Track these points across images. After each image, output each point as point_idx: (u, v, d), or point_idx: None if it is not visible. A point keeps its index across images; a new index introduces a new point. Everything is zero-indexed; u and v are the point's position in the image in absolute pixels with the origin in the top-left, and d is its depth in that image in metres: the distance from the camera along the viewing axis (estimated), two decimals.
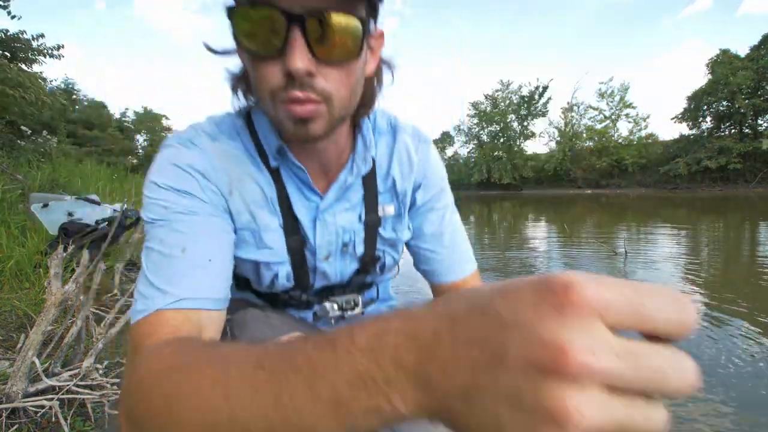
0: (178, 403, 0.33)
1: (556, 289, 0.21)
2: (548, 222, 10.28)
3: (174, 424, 0.33)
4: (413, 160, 0.68)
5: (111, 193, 6.13)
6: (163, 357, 0.39)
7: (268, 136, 0.59)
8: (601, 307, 0.20)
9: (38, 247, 2.95)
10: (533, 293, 0.21)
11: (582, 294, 0.20)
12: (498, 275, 4.36)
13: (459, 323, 0.24)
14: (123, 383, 0.40)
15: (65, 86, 22.19)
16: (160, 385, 0.36)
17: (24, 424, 1.32)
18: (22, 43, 8.05)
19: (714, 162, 26.56)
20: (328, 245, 0.65)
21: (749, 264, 4.57)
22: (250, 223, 0.59)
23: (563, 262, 4.98)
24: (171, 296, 0.46)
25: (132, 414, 0.36)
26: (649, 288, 0.22)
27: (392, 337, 0.25)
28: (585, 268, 4.52)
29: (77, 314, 1.63)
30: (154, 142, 30.56)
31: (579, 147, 36.20)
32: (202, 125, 0.59)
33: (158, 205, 0.52)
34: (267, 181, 0.60)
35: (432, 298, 0.29)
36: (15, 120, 8.30)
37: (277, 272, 0.64)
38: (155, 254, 0.50)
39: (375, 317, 0.28)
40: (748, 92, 26.53)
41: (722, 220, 9.18)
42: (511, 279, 0.24)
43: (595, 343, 0.20)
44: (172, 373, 0.36)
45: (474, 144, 45.08)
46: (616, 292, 0.21)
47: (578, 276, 0.21)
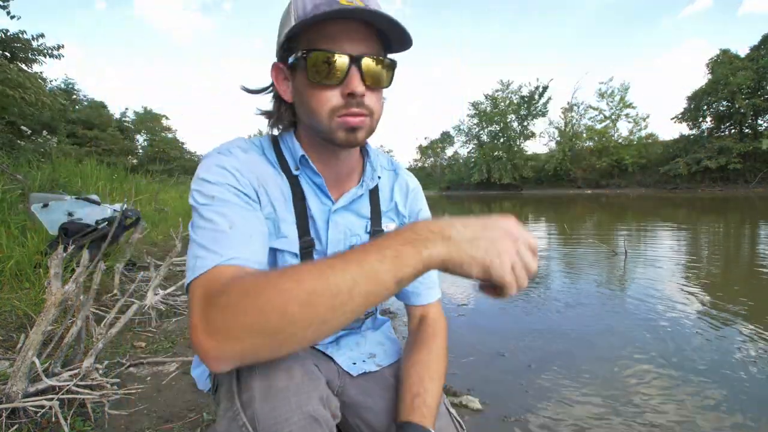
0: (284, 287, 0.48)
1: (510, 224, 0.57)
2: (548, 222, 10.27)
3: (286, 302, 0.47)
4: (410, 196, 0.89)
5: (111, 193, 6.12)
6: (257, 274, 0.54)
7: (293, 150, 0.75)
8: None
9: (38, 247, 2.94)
10: (505, 223, 0.57)
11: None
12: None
13: (459, 220, 0.54)
14: (211, 314, 0.50)
15: (65, 86, 22.18)
16: (270, 283, 0.49)
17: (24, 424, 1.32)
18: (22, 43, 8.04)
19: (714, 162, 26.56)
20: (337, 243, 0.78)
21: (749, 264, 4.57)
22: (271, 213, 0.72)
23: (563, 261, 4.98)
24: (225, 256, 0.58)
25: (238, 319, 0.48)
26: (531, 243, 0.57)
27: (422, 223, 0.54)
28: (585, 268, 4.52)
29: (77, 314, 1.63)
30: (154, 142, 30.55)
31: (579, 147, 36.18)
32: (235, 141, 0.75)
33: (207, 195, 0.65)
34: (286, 186, 0.74)
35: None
36: (15, 120, 8.30)
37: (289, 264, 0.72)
38: (207, 230, 0.61)
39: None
40: (748, 92, 26.53)
41: (722, 220, 9.17)
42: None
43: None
44: (276, 276, 0.50)
45: (474, 144, 45.06)
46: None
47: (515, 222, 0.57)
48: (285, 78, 0.72)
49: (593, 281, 3.92)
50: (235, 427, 0.55)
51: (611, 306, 3.11)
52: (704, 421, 1.60)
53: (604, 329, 2.61)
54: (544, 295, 3.49)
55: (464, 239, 0.52)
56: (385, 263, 0.49)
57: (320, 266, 0.50)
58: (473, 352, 2.24)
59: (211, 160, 0.69)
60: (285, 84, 0.72)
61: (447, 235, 0.52)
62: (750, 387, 1.84)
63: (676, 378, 1.94)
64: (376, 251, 0.50)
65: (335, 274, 0.48)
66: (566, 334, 2.54)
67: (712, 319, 2.72)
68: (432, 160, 55.29)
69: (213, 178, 0.66)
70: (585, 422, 1.60)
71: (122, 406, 1.57)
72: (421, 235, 0.51)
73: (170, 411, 1.56)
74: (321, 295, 0.48)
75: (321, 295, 0.48)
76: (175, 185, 12.09)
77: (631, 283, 3.78)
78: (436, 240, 0.51)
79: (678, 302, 3.13)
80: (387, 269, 0.49)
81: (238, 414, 0.55)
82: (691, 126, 30.92)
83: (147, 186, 8.73)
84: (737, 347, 2.27)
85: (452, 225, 0.53)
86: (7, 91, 6.40)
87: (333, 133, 0.67)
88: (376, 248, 0.51)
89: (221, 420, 0.58)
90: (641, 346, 2.31)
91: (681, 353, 2.21)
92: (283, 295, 0.48)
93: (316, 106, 0.66)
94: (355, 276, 0.48)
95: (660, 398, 1.76)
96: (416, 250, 0.50)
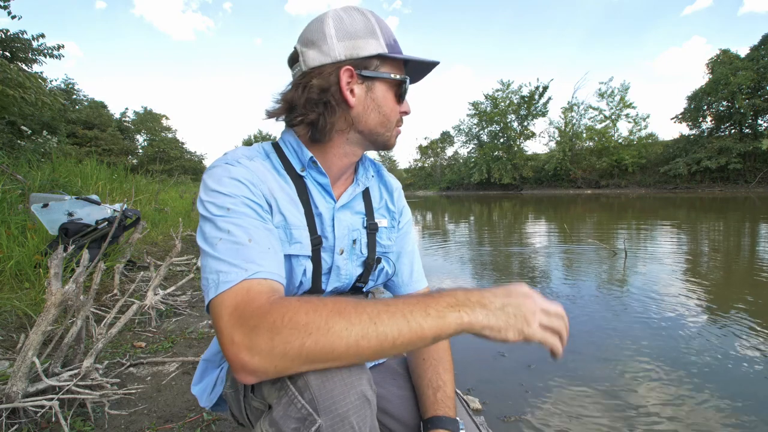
0: (336, 324, 0.53)
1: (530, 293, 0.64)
2: (548, 222, 10.27)
3: (332, 342, 0.53)
4: (395, 194, 0.96)
5: (111, 193, 6.12)
6: (303, 304, 0.56)
7: (299, 152, 0.80)
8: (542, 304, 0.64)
9: (38, 247, 2.94)
10: (523, 288, 0.65)
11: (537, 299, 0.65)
12: (499, 274, 4.36)
13: (488, 291, 0.62)
14: (256, 327, 0.54)
15: (65, 86, 22.16)
16: (319, 314, 0.54)
17: (24, 424, 1.32)
18: (22, 43, 8.05)
19: (714, 162, 26.55)
20: (342, 238, 0.83)
21: (749, 264, 4.57)
22: (281, 222, 0.75)
23: (563, 261, 4.98)
24: (250, 271, 0.60)
25: (285, 346, 0.53)
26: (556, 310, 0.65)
27: (461, 291, 0.61)
28: (585, 268, 4.52)
29: (77, 314, 1.63)
30: (154, 142, 30.55)
31: (579, 147, 36.17)
32: (238, 150, 0.78)
33: (221, 206, 0.67)
34: (292, 188, 0.78)
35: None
36: (15, 120, 8.30)
37: (305, 268, 0.77)
38: (226, 242, 0.63)
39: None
40: (748, 92, 26.51)
41: (722, 220, 9.17)
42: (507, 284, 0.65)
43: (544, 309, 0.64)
44: (327, 314, 0.54)
45: (474, 144, 45.05)
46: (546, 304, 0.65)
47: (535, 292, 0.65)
48: (350, 83, 0.75)
49: (593, 281, 3.92)
50: (294, 410, 0.57)
51: (611, 306, 3.11)
52: (704, 421, 1.60)
53: (604, 329, 2.61)
54: (543, 295, 3.49)
55: (497, 307, 0.59)
56: (428, 320, 0.56)
57: (369, 311, 0.55)
58: (473, 352, 2.24)
59: (221, 171, 0.71)
60: (352, 88, 0.76)
61: (484, 303, 0.59)
62: (750, 387, 1.84)
63: (677, 378, 1.94)
64: (421, 309, 0.57)
65: (383, 324, 0.55)
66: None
67: (712, 319, 2.72)
68: (432, 160, 55.29)
69: (227, 190, 0.68)
70: (585, 422, 1.60)
71: (122, 406, 1.57)
72: (461, 302, 0.59)
73: (170, 411, 1.56)
74: (369, 341, 0.54)
75: (369, 341, 0.54)
76: (175, 185, 12.08)
77: (631, 283, 3.78)
78: (475, 308, 0.59)
79: (678, 302, 3.13)
80: (430, 326, 0.56)
81: (294, 398, 0.57)
82: (691, 126, 30.90)
83: (147, 186, 8.73)
84: (737, 347, 2.27)
85: (484, 295, 0.61)
86: (7, 91, 6.39)
87: (391, 139, 0.83)
88: (421, 306, 0.57)
89: (276, 408, 0.59)
90: (641, 346, 2.31)
91: (681, 353, 2.21)
92: (332, 336, 0.53)
93: (393, 116, 0.81)
94: (401, 328, 0.55)
95: (660, 398, 1.76)
96: (458, 314, 0.57)
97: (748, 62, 26.70)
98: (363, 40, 0.75)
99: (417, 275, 0.96)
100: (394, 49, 0.78)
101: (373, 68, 0.76)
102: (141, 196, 7.00)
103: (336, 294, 0.85)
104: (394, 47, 0.78)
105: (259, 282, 0.60)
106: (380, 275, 0.90)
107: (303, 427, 0.55)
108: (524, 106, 39.78)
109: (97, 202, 3.55)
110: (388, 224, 0.92)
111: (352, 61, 0.74)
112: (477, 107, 42.95)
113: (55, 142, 10.80)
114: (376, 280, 0.91)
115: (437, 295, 0.59)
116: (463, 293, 0.60)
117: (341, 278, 0.83)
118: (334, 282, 0.83)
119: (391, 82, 0.78)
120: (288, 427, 0.56)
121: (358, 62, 0.75)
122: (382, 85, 0.77)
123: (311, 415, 0.55)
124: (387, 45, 0.76)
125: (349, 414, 0.56)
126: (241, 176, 0.70)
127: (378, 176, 0.96)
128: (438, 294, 0.60)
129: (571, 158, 35.32)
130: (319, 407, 0.55)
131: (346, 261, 0.83)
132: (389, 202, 0.94)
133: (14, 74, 6.53)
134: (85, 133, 23.38)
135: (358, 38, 0.75)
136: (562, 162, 35.06)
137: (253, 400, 0.71)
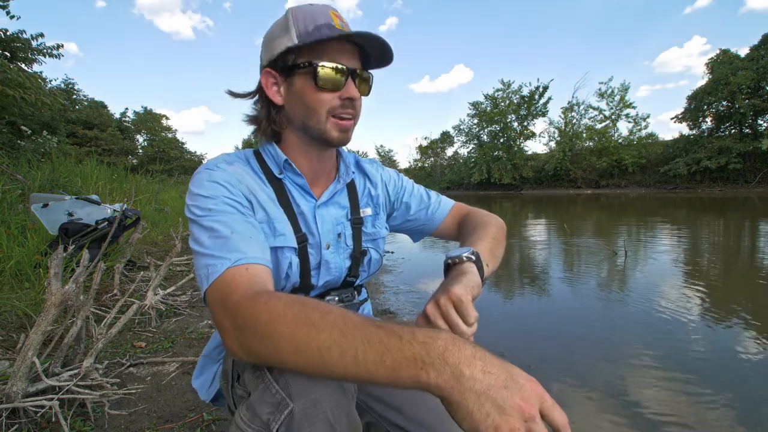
0: (286, 345, 0.52)
1: (528, 393, 0.46)
2: (548, 222, 10.27)
3: (280, 360, 0.53)
4: (374, 175, 0.99)
5: (111, 193, 6.12)
6: (271, 305, 0.55)
7: (275, 156, 0.83)
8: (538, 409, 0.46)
9: (38, 247, 2.94)
10: (526, 390, 0.46)
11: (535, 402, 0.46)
12: (498, 273, 4.36)
13: (486, 359, 0.47)
14: (236, 320, 0.57)
15: (65, 86, 22.15)
16: (274, 328, 0.53)
17: (24, 424, 1.32)
18: (22, 43, 8.04)
19: (714, 162, 26.52)
20: (327, 234, 0.85)
21: (749, 264, 4.57)
22: (264, 217, 0.78)
23: (563, 261, 4.98)
24: (233, 259, 0.64)
25: (252, 344, 0.55)
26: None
27: (442, 341, 0.47)
28: (585, 268, 4.52)
29: (77, 314, 1.63)
30: (154, 142, 30.54)
31: (579, 147, 36.15)
32: (220, 157, 0.82)
33: (203, 208, 0.71)
34: (271, 190, 0.81)
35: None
36: (15, 120, 8.29)
37: (291, 261, 0.79)
38: (211, 239, 0.67)
39: (427, 328, 0.51)
40: (748, 92, 26.47)
41: (722, 220, 9.17)
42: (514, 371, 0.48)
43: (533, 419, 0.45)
44: (290, 322, 0.53)
45: (474, 144, 45.01)
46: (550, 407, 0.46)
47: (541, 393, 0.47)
48: (276, 83, 0.80)
49: (593, 281, 3.92)
50: (269, 395, 0.59)
51: (611, 306, 3.11)
52: (705, 421, 1.60)
53: (603, 329, 2.61)
54: (544, 296, 3.49)
55: (472, 389, 0.44)
56: (380, 369, 0.47)
57: (324, 338, 0.51)
58: None
59: (201, 176, 0.76)
60: (275, 88, 0.80)
61: (460, 373, 0.45)
62: (750, 386, 1.84)
63: (677, 378, 1.94)
64: (377, 353, 0.48)
65: (332, 359, 0.50)
66: (566, 334, 2.54)
67: (713, 319, 2.72)
68: (432, 160, 55.30)
69: (207, 192, 0.72)
70: (585, 422, 1.60)
71: (122, 406, 1.57)
72: (430, 358, 0.46)
73: (170, 411, 1.56)
74: (319, 369, 0.52)
75: (319, 370, 0.52)
76: (175, 185, 12.08)
77: (631, 284, 3.78)
78: (444, 371, 0.45)
79: (678, 302, 3.13)
80: (381, 375, 0.48)
81: (270, 384, 0.60)
82: (691, 126, 30.87)
83: (147, 186, 8.73)
84: (737, 346, 2.27)
85: (471, 363, 0.46)
86: (7, 91, 6.39)
87: (328, 132, 0.78)
88: (378, 350, 0.48)
89: (254, 394, 0.62)
90: (641, 346, 2.31)
91: (681, 353, 2.21)
92: (283, 355, 0.54)
93: (317, 106, 0.77)
94: (347, 368, 0.49)
95: (660, 398, 1.76)
96: (417, 372, 0.46)
97: (748, 62, 26.67)
98: (277, 40, 0.77)
99: (434, 208, 1.01)
100: (311, 35, 0.73)
101: (289, 63, 0.77)
102: (141, 196, 7.00)
103: (327, 288, 0.88)
104: (311, 34, 0.73)
105: (243, 269, 0.63)
106: (370, 266, 0.92)
107: (277, 411, 0.57)
108: (524, 106, 39.73)
109: (97, 202, 3.55)
110: (372, 212, 0.95)
111: (271, 63, 0.78)
112: (477, 107, 42.91)
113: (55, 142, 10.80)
114: (368, 271, 0.93)
115: (408, 338, 0.48)
116: (443, 347, 0.46)
117: (331, 272, 0.86)
118: (324, 276, 0.85)
119: (305, 70, 0.76)
120: (263, 412, 0.58)
121: (275, 61, 0.78)
122: (300, 77, 0.77)
123: (285, 399, 0.58)
124: (300, 35, 0.74)
125: (322, 399, 0.58)
126: (219, 179, 0.74)
127: (357, 168, 0.98)
128: (411, 334, 0.48)
129: (571, 158, 35.29)
130: (292, 392, 0.58)
131: (334, 255, 0.86)
132: (371, 188, 0.97)
133: (14, 74, 6.53)
134: (85, 133, 23.37)
135: (273, 39, 0.78)
136: (562, 162, 35.03)
137: (238, 388, 0.75)
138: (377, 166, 1.04)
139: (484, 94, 42.76)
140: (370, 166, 1.01)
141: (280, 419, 0.57)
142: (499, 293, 3.67)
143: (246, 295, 0.59)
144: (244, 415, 0.60)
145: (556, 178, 36.24)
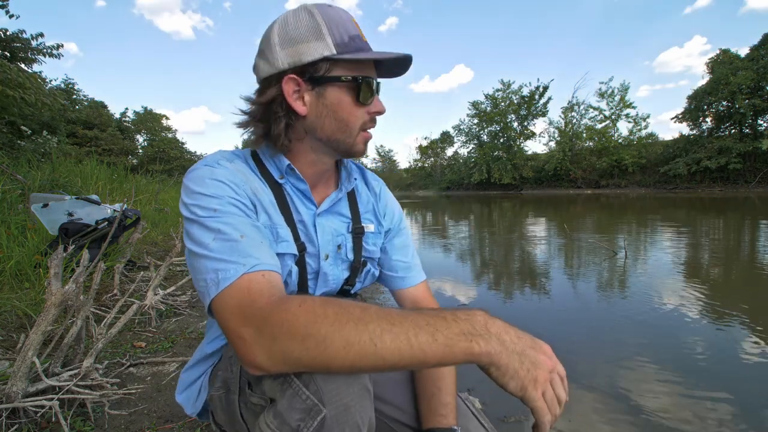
0: (334, 342, 0.52)
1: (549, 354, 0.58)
2: (548, 221, 10.27)
3: (326, 359, 0.52)
4: (378, 194, 0.95)
5: (111, 193, 6.12)
6: (307, 307, 0.54)
7: (276, 159, 0.79)
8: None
9: (38, 247, 2.94)
10: (548, 349, 0.58)
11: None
12: (497, 274, 4.36)
13: (511, 328, 0.56)
14: (263, 328, 0.55)
15: (65, 86, 22.15)
16: (318, 328, 0.52)
17: (24, 424, 1.32)
18: (22, 43, 8.05)
19: (714, 162, 26.54)
20: (326, 244, 0.82)
21: (749, 264, 4.57)
22: (267, 221, 0.74)
23: (563, 262, 4.98)
24: (248, 265, 0.61)
25: (291, 349, 0.53)
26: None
27: (480, 316, 0.55)
28: (585, 268, 4.52)
29: (77, 314, 1.63)
30: (154, 142, 30.53)
31: (579, 147, 36.16)
32: (218, 153, 0.77)
33: (208, 208, 0.66)
34: (271, 194, 0.77)
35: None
36: (15, 120, 8.29)
37: (291, 269, 0.76)
38: (219, 241, 0.63)
39: (458, 308, 0.56)
40: (748, 92, 26.48)
41: (722, 220, 9.17)
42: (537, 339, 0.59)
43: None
44: (333, 320, 0.53)
45: (474, 144, 45.02)
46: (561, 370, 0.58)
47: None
48: (298, 90, 0.72)
49: (593, 281, 3.92)
50: (299, 401, 0.58)
51: (611, 306, 3.11)
52: (705, 421, 1.60)
53: (603, 329, 2.62)
54: (544, 296, 3.49)
55: (515, 351, 0.54)
56: (434, 347, 0.52)
57: (371, 330, 0.52)
58: None
59: (201, 173, 0.70)
60: (296, 95, 0.73)
61: (503, 339, 0.54)
62: (750, 386, 1.84)
63: (677, 378, 1.94)
64: (429, 333, 0.52)
65: (384, 346, 0.52)
66: (566, 334, 2.54)
67: (713, 319, 2.72)
68: (432, 160, 55.29)
69: (210, 191, 0.68)
70: (585, 422, 1.60)
71: (122, 406, 1.57)
72: (477, 331, 0.53)
73: (170, 411, 1.56)
74: (367, 361, 0.52)
75: (367, 362, 0.52)
76: (175, 185, 12.07)
77: (631, 284, 3.78)
78: (491, 339, 0.53)
79: (678, 302, 3.13)
80: (434, 353, 0.52)
81: (299, 390, 0.59)
82: (691, 126, 30.88)
83: (147, 186, 8.72)
84: (737, 346, 2.27)
85: (507, 330, 0.55)
86: (7, 91, 6.39)
87: (356, 145, 0.77)
88: (430, 329, 0.52)
89: (280, 401, 0.60)
90: (641, 346, 2.31)
91: (682, 354, 2.21)
92: (329, 353, 0.53)
93: (354, 120, 0.75)
94: (402, 352, 0.51)
95: (660, 398, 1.76)
96: (469, 344, 0.52)
97: (748, 62, 26.69)
98: (306, 44, 0.70)
99: (414, 270, 0.93)
100: (348, 47, 0.70)
101: (322, 72, 0.70)
102: (141, 196, 7.00)
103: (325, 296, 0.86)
104: (348, 45, 0.70)
105: (259, 275, 0.60)
106: (367, 277, 0.90)
107: (308, 417, 0.56)
108: (524, 106, 39.76)
109: (97, 202, 3.55)
110: (375, 229, 0.90)
111: (296, 69, 0.71)
112: (477, 107, 42.94)
113: (55, 142, 10.79)
114: (363, 282, 0.90)
115: (452, 317, 0.54)
116: (483, 320, 0.55)
117: (329, 283, 0.83)
118: (322, 287, 0.83)
119: (345, 84, 0.72)
120: (293, 418, 0.57)
121: (303, 68, 0.71)
122: (334, 89, 0.72)
123: (317, 405, 0.57)
124: (337, 44, 0.70)
125: (352, 404, 0.58)
126: (223, 177, 0.70)
127: (362, 179, 0.94)
128: (453, 315, 0.55)
129: (571, 158, 35.31)
130: (324, 398, 0.57)
131: (332, 266, 0.83)
132: (375, 206, 0.93)
133: (14, 74, 6.53)
134: (85, 133, 23.37)
135: (301, 42, 0.70)
136: (562, 162, 35.05)
137: (252, 396, 0.71)
138: (385, 187, 0.99)
139: (485, 94, 42.83)
140: (377, 183, 0.96)
141: (313, 425, 0.56)
142: (499, 293, 3.67)
143: (272, 301, 0.57)
144: (271, 422, 0.59)
145: (556, 178, 36.27)
